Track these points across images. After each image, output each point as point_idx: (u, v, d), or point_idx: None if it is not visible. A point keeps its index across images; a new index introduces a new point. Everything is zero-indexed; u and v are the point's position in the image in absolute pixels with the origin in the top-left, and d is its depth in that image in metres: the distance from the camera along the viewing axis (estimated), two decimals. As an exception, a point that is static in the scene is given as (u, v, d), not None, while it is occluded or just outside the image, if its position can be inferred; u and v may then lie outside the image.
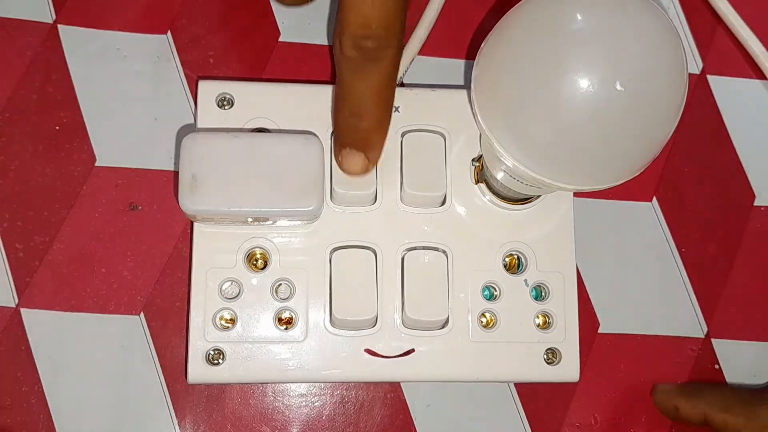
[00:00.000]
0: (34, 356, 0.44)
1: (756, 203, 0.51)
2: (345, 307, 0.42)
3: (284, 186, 0.39)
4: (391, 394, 0.46)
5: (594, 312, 0.48)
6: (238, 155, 0.39)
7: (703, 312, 0.49)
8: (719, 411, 0.44)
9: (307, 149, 0.40)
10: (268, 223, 0.41)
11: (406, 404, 0.47)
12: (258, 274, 0.42)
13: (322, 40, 0.50)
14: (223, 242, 0.42)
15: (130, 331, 0.45)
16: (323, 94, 0.44)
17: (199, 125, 0.43)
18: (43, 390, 0.44)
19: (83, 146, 0.47)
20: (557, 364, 0.43)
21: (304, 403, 0.46)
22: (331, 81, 0.49)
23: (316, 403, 0.46)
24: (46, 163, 0.46)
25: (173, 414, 0.45)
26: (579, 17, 0.33)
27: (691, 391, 0.47)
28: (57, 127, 0.47)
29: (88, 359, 0.45)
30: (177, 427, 0.45)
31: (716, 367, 0.49)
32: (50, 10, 0.48)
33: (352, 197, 0.43)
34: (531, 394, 0.47)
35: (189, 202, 0.38)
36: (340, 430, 0.46)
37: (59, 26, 0.48)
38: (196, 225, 0.42)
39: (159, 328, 0.45)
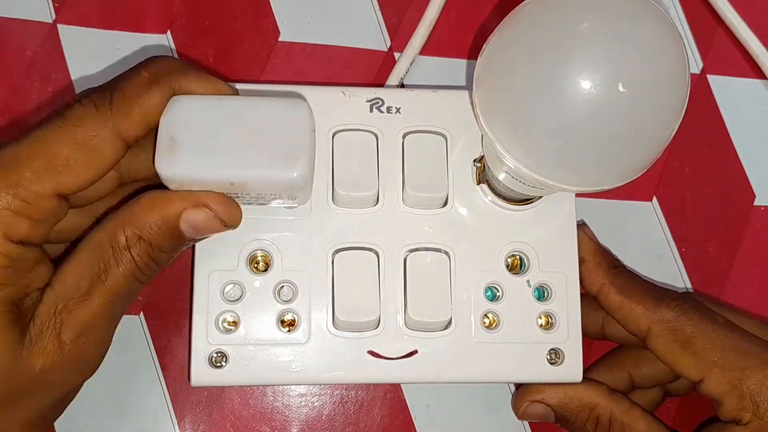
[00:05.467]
0: (34, 357, 0.44)
1: (756, 203, 0.51)
2: (348, 309, 0.41)
3: (268, 151, 0.36)
4: (391, 394, 0.47)
5: (594, 312, 0.48)
6: (222, 118, 0.37)
7: (703, 312, 0.49)
8: (617, 296, 0.43)
9: (294, 113, 0.37)
10: (256, 198, 0.39)
11: (406, 404, 0.47)
12: (260, 277, 0.42)
13: (322, 40, 0.50)
14: (225, 244, 0.42)
15: (130, 331, 0.45)
16: (323, 95, 0.44)
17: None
18: (42, 390, 0.44)
19: (83, 146, 0.46)
20: (560, 364, 0.43)
21: (303, 403, 0.46)
22: (331, 81, 0.49)
23: (315, 403, 0.46)
24: (46, 163, 0.46)
25: (173, 414, 0.45)
26: (581, 18, 0.33)
27: (605, 259, 0.45)
28: (57, 127, 0.47)
29: (87, 359, 0.45)
30: (177, 427, 0.45)
31: (716, 366, 0.49)
32: (50, 10, 0.48)
33: (354, 199, 0.43)
34: (531, 393, 0.47)
35: (166, 164, 0.36)
36: (339, 430, 0.46)
37: (59, 26, 0.48)
38: None
39: (159, 328, 0.45)
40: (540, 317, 0.43)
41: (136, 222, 0.36)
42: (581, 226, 0.45)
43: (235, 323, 0.41)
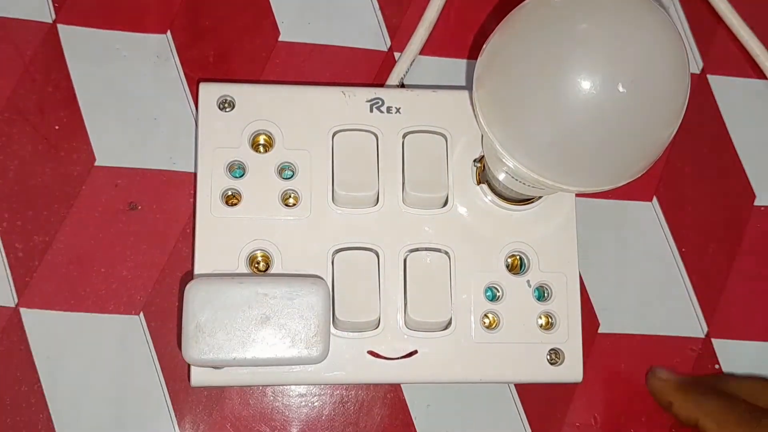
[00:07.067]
0: (34, 356, 0.44)
1: (756, 203, 0.51)
2: (348, 309, 0.41)
3: (290, 334, 0.38)
4: (391, 394, 0.46)
5: (594, 312, 0.48)
6: (243, 301, 0.38)
7: (703, 312, 0.49)
8: (714, 424, 0.43)
9: (311, 295, 0.39)
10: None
11: (406, 404, 0.47)
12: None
13: (322, 40, 0.50)
14: (225, 245, 0.42)
15: (129, 331, 0.45)
16: (323, 95, 0.44)
17: (201, 127, 0.43)
18: (42, 390, 0.44)
19: (83, 146, 0.46)
20: (560, 364, 0.43)
21: (303, 403, 0.46)
22: (331, 81, 0.49)
23: (315, 403, 0.46)
24: (46, 162, 0.46)
25: (173, 414, 0.45)
26: (581, 19, 0.33)
27: (690, 391, 0.46)
28: (57, 127, 0.47)
29: (87, 359, 0.45)
30: (176, 427, 0.45)
31: (716, 366, 0.49)
32: (50, 10, 0.48)
33: (354, 199, 0.43)
34: (531, 394, 0.47)
35: (194, 352, 0.38)
36: (339, 430, 0.46)
37: (59, 26, 0.48)
38: (198, 223, 0.42)
39: (159, 328, 0.45)
40: (540, 317, 0.43)
41: None
42: (652, 373, 0.47)
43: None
